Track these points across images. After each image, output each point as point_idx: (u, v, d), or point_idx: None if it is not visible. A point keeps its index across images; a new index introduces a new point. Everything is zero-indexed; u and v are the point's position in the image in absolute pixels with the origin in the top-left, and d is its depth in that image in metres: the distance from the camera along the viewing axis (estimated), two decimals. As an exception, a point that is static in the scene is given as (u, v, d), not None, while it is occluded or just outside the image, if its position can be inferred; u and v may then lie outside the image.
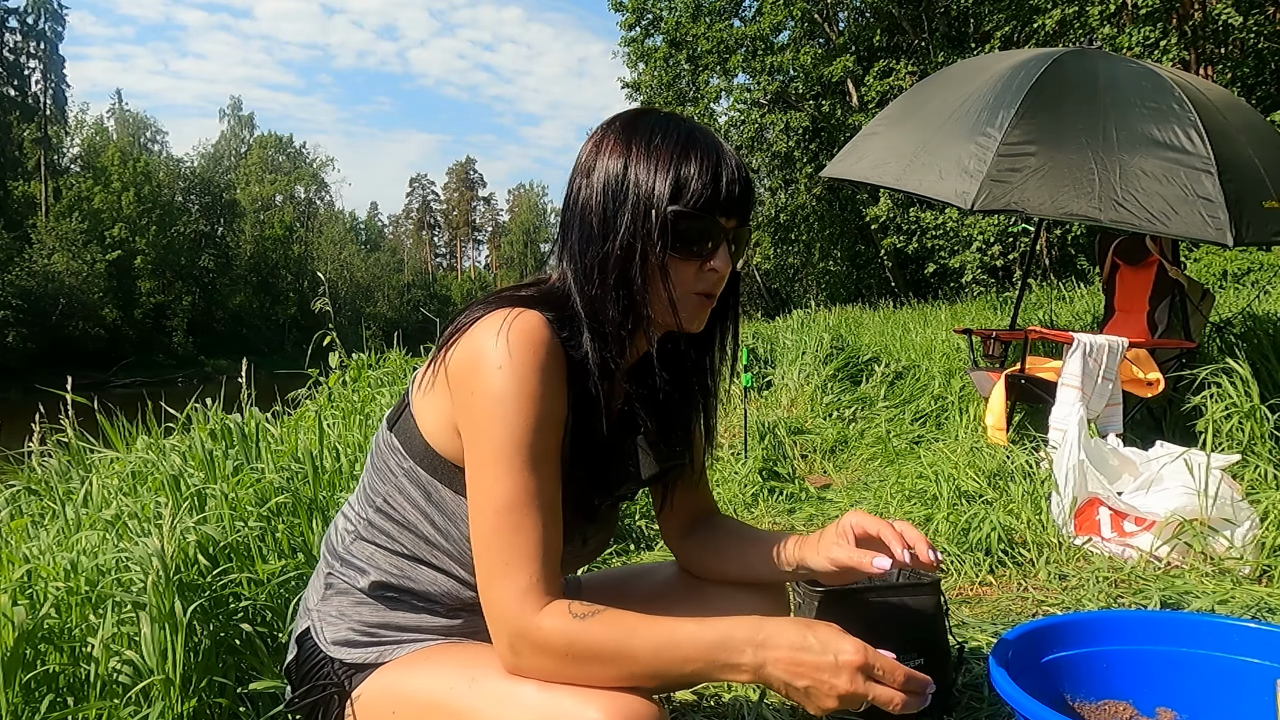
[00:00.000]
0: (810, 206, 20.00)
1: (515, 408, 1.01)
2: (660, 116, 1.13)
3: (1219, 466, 2.64)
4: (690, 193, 1.06)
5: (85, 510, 2.25)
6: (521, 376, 1.01)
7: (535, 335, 1.03)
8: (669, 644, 0.97)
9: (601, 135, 1.12)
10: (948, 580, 2.56)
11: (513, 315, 1.04)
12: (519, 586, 1.00)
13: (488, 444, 1.02)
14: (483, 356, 1.03)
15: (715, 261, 1.09)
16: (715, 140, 1.11)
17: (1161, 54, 12.05)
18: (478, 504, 1.03)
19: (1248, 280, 8.55)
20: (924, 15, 17.97)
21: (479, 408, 1.03)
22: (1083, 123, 3.56)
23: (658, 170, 1.07)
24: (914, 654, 1.65)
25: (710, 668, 0.97)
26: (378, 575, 1.17)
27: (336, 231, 64.67)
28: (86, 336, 36.54)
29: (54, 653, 1.59)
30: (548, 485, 1.04)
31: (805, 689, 0.96)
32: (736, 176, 1.09)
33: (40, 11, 42.87)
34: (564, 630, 0.98)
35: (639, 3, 21.34)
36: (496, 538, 1.01)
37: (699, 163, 1.07)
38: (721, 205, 1.08)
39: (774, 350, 6.64)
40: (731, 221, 1.10)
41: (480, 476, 1.03)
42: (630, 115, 1.14)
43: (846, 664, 0.95)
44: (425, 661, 1.12)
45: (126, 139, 51.83)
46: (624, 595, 1.37)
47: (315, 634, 1.19)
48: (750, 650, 0.96)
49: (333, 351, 3.69)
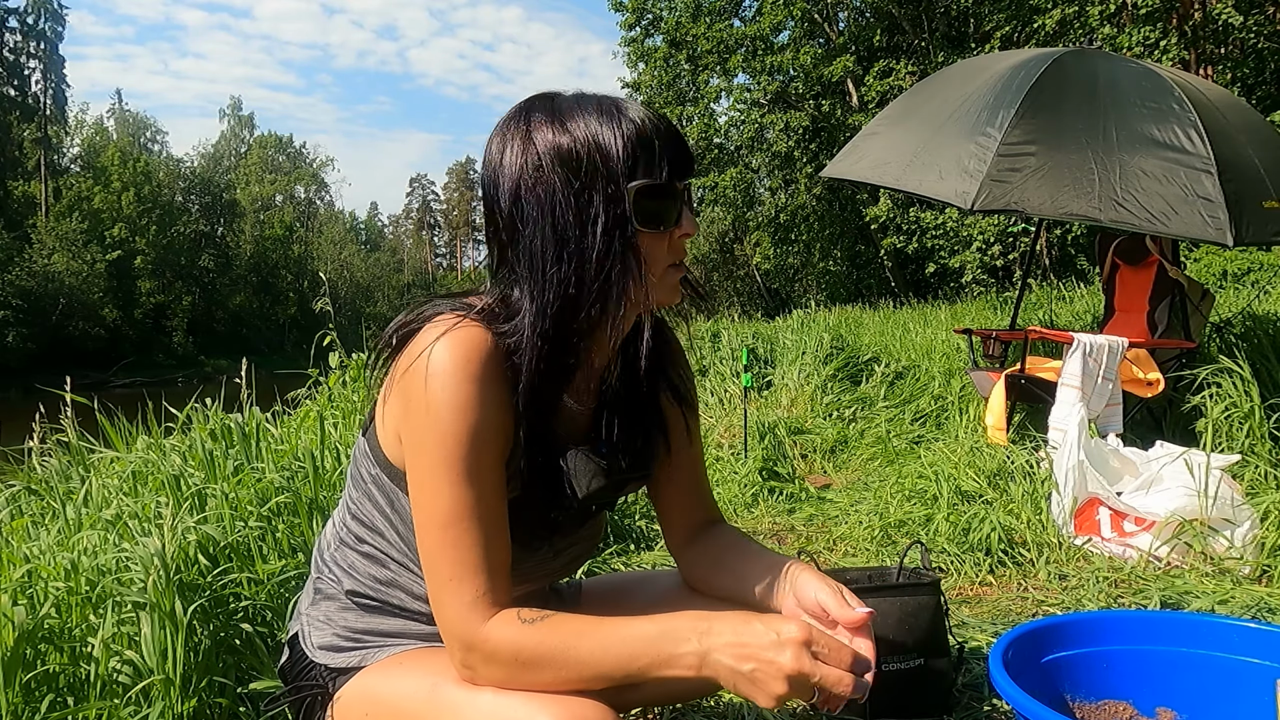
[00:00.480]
0: (810, 206, 20.01)
1: (450, 419, 0.98)
2: (575, 95, 1.05)
3: (1219, 466, 2.64)
4: (643, 163, 1.00)
5: (86, 510, 2.25)
6: (456, 387, 0.98)
7: (472, 345, 1.00)
8: (614, 642, 0.96)
9: (525, 130, 1.03)
10: (948, 580, 2.56)
11: (451, 323, 1.01)
12: (465, 600, 0.99)
13: (425, 456, 1.00)
14: (417, 367, 1.00)
15: (685, 225, 1.04)
16: (643, 108, 1.05)
17: (1161, 54, 12.05)
18: (420, 518, 1.02)
19: (1248, 280, 8.55)
20: (924, 15, 17.98)
21: (415, 419, 1.01)
22: (1083, 123, 3.56)
23: (607, 150, 1.00)
24: (914, 654, 1.65)
25: (656, 662, 0.95)
26: (356, 583, 1.18)
27: (336, 231, 64.68)
28: (86, 336, 36.55)
29: (54, 653, 1.59)
30: (489, 496, 1.01)
31: (751, 673, 0.93)
32: (675, 136, 1.04)
33: (40, 11, 42.87)
34: (512, 638, 0.97)
35: (639, 3, 21.35)
36: (441, 552, 1.00)
37: (638, 130, 1.01)
38: (675, 167, 1.03)
39: (774, 350, 6.63)
40: (681, 182, 1.05)
41: (420, 490, 1.01)
42: (541, 105, 1.04)
43: (789, 640, 0.93)
44: (399, 667, 1.12)
45: (126, 139, 51.82)
46: (624, 603, 1.35)
47: (303, 639, 1.20)
48: (694, 639, 0.95)
49: (333, 351, 3.68)
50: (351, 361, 3.71)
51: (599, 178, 0.99)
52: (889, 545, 2.95)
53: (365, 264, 65.46)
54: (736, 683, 0.94)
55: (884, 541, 2.99)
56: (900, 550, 2.19)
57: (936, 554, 2.71)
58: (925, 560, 1.83)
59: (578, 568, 1.32)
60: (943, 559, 2.68)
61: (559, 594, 1.40)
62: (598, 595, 1.39)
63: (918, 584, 1.72)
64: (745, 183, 20.85)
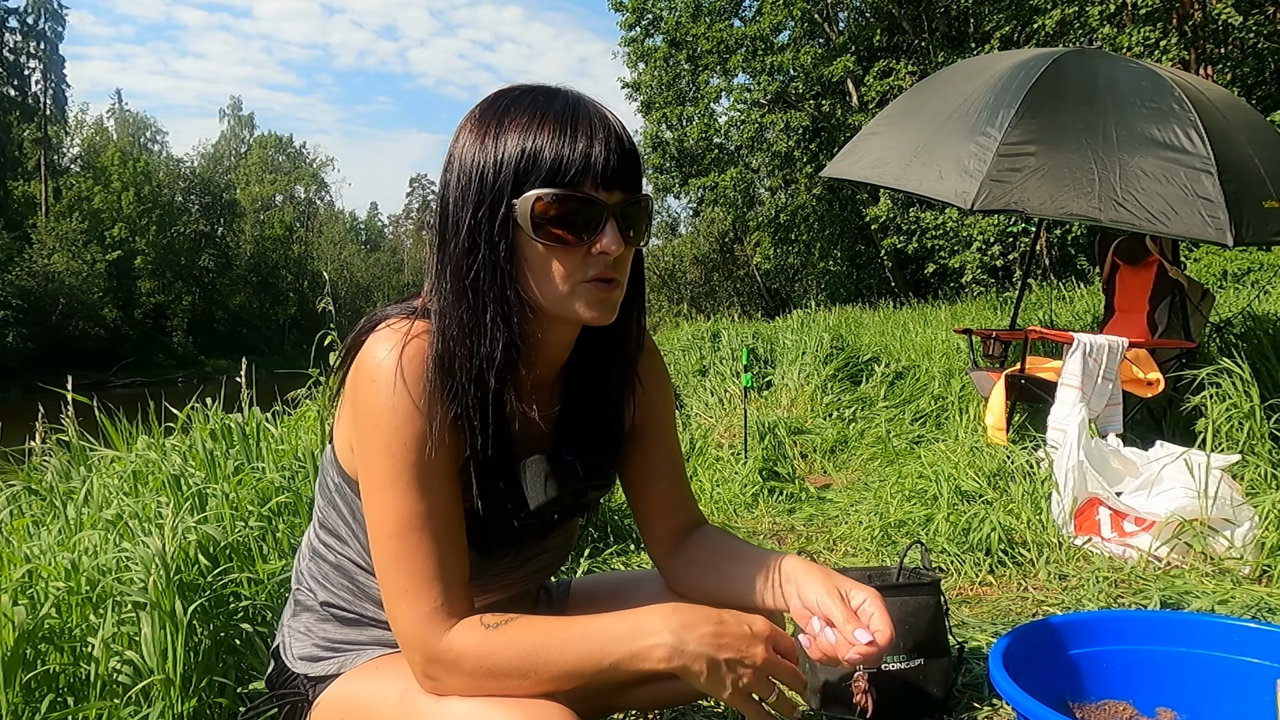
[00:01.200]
0: (810, 206, 20.01)
1: (392, 428, 0.96)
2: (520, 92, 0.99)
3: (1219, 466, 2.64)
4: (549, 170, 0.93)
5: (86, 510, 2.25)
6: (395, 395, 0.96)
7: (410, 349, 0.97)
8: (583, 639, 0.95)
9: (461, 123, 1.00)
10: (948, 580, 2.56)
11: (393, 328, 1.00)
12: (422, 612, 0.97)
13: (373, 467, 0.98)
14: (361, 374, 0.99)
15: (603, 242, 0.95)
16: (579, 105, 0.96)
17: (1161, 54, 12.05)
18: (372, 530, 1.00)
19: (1248, 280, 8.54)
20: (924, 15, 17.97)
21: (362, 428, 0.99)
22: (1083, 123, 3.56)
23: (507, 149, 0.94)
24: (914, 654, 1.65)
25: (628, 657, 0.94)
26: (329, 594, 1.17)
27: (336, 231, 64.74)
28: (86, 336, 36.55)
29: (54, 652, 1.59)
30: (440, 504, 0.99)
31: (728, 661, 0.94)
32: (604, 143, 0.94)
33: (40, 11, 42.86)
34: (477, 645, 0.95)
35: (639, 3, 21.34)
36: (394, 563, 0.98)
37: (555, 133, 0.94)
38: (591, 178, 0.94)
39: (774, 350, 6.63)
40: (614, 194, 0.96)
41: (370, 502, 1.00)
42: (489, 97, 1.01)
43: (759, 633, 0.96)
44: (374, 672, 1.11)
45: (126, 139, 51.84)
46: (613, 604, 1.34)
47: (284, 650, 1.20)
48: (667, 632, 0.94)
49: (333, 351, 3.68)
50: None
51: (487, 182, 0.95)
52: (889, 545, 2.95)
53: (365, 264, 65.52)
54: (710, 672, 0.94)
55: (884, 541, 2.99)
56: (900, 550, 2.19)
57: (936, 554, 2.71)
58: (925, 560, 1.83)
59: (549, 575, 1.30)
60: (943, 559, 2.68)
61: (548, 593, 1.39)
62: (586, 596, 1.37)
63: (918, 584, 1.72)
64: (745, 183, 20.84)
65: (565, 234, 0.95)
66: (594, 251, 0.96)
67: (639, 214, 1.00)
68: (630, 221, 0.99)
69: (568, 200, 0.94)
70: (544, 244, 0.95)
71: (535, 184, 0.94)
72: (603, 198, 0.95)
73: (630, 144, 0.98)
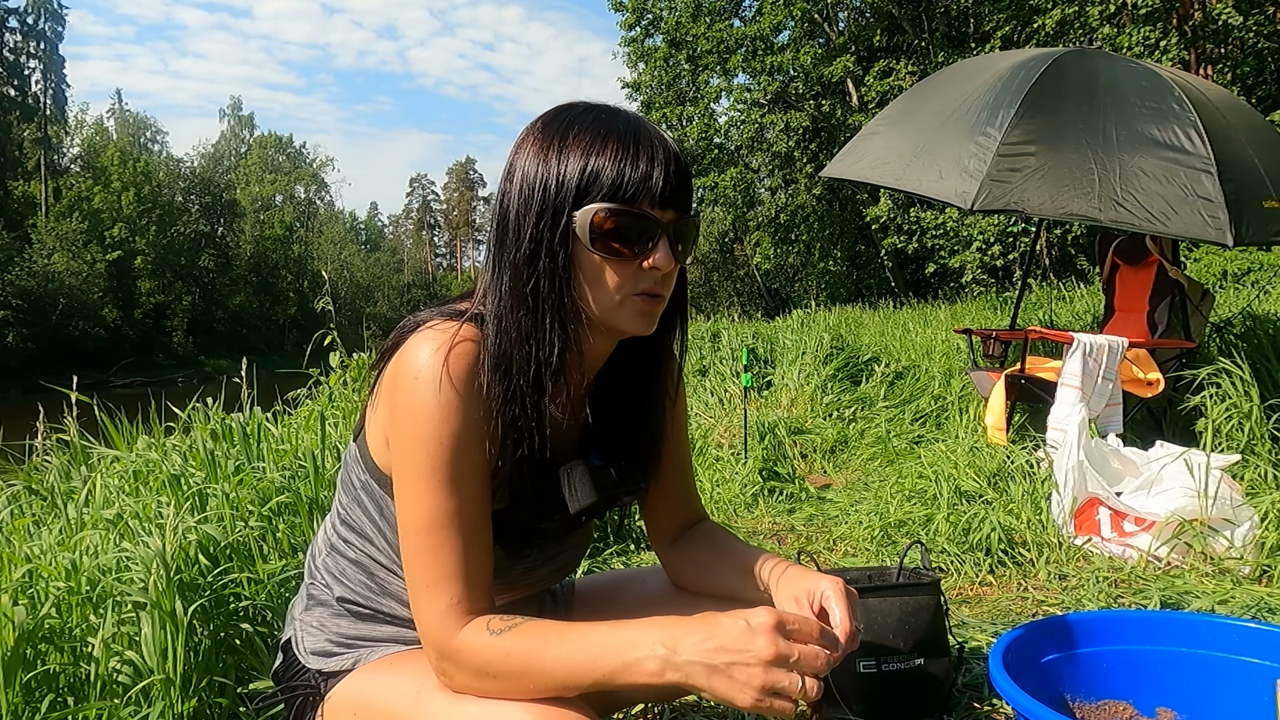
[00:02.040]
0: (810, 206, 20.02)
1: (431, 426, 0.99)
2: (583, 109, 1.04)
3: (1219, 466, 2.64)
4: (609, 186, 0.98)
5: (87, 510, 2.25)
6: (438, 394, 0.99)
7: (456, 351, 1.00)
8: (576, 650, 0.95)
9: (524, 135, 1.05)
10: (948, 580, 2.56)
11: (437, 329, 1.02)
12: (441, 607, 0.99)
13: (408, 462, 1.01)
14: (402, 372, 1.01)
15: (655, 258, 1.00)
16: (640, 127, 1.01)
17: (1161, 54, 12.05)
18: (402, 524, 1.03)
19: (1248, 280, 8.55)
20: (924, 15, 17.98)
21: (399, 425, 1.02)
22: (1083, 123, 3.56)
23: (571, 164, 0.99)
24: (914, 654, 1.65)
25: (621, 668, 0.93)
26: (346, 590, 1.18)
27: (336, 231, 64.69)
28: (86, 336, 36.54)
29: (54, 652, 1.59)
30: (471, 504, 1.01)
31: (729, 667, 0.89)
32: (663, 164, 0.99)
33: (40, 11, 42.85)
34: (481, 648, 0.97)
35: (639, 2, 21.35)
36: (420, 558, 1.00)
37: (617, 153, 0.98)
38: (649, 196, 0.99)
39: (774, 350, 6.63)
40: (668, 213, 1.01)
41: (403, 496, 1.02)
42: (552, 111, 1.06)
43: (760, 626, 0.90)
44: (389, 668, 1.13)
45: (126, 139, 51.80)
46: (613, 602, 1.36)
47: (296, 644, 1.21)
48: (660, 646, 0.92)
49: (334, 351, 3.68)
50: (352, 361, 3.71)
51: (553, 192, 0.99)
52: (889, 545, 2.95)
53: (365, 264, 65.47)
54: (713, 682, 0.90)
55: (884, 541, 2.99)
56: (900, 550, 2.19)
57: (936, 554, 2.71)
58: (925, 560, 1.83)
59: (567, 574, 1.32)
60: (943, 559, 2.68)
61: (553, 595, 1.40)
62: (590, 595, 1.40)
63: (918, 584, 1.72)
64: (745, 183, 20.85)
65: (621, 247, 1.00)
66: (645, 266, 1.01)
67: (689, 231, 1.05)
68: (680, 238, 1.04)
69: (625, 215, 0.99)
70: (600, 255, 1.00)
71: (596, 198, 0.98)
72: (657, 215, 1.00)
73: (685, 167, 1.03)
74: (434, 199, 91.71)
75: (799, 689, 0.89)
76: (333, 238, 62.75)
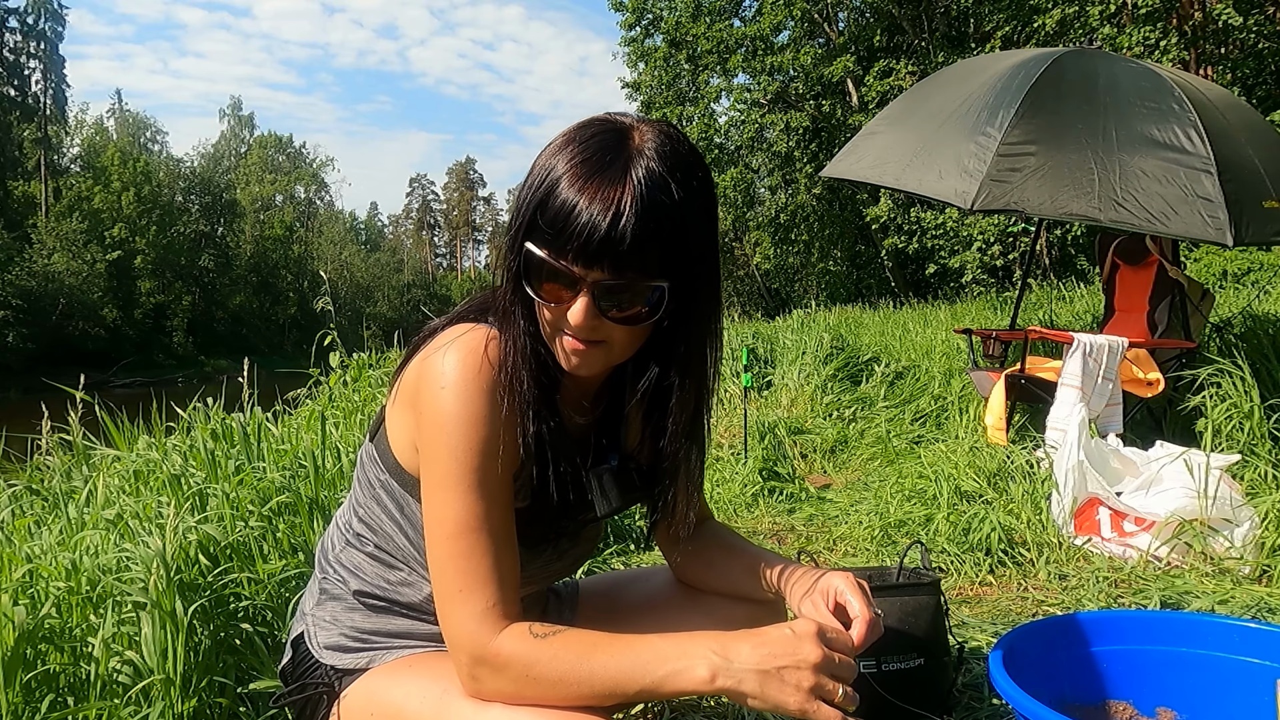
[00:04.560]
0: (810, 206, 20.01)
1: (459, 431, 0.99)
2: (596, 132, 0.97)
3: (1219, 466, 2.64)
4: (551, 227, 0.94)
5: (87, 510, 2.25)
6: (465, 398, 0.99)
7: (481, 353, 1.01)
8: (627, 657, 0.95)
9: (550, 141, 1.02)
10: (948, 580, 2.56)
11: (462, 332, 1.03)
12: (475, 612, 0.98)
13: (436, 467, 1.01)
14: (427, 376, 1.02)
15: (569, 311, 0.97)
16: (620, 174, 0.93)
17: (1161, 54, 12.04)
18: (430, 528, 1.03)
19: (1248, 280, 8.55)
20: (924, 15, 17.97)
21: (426, 429, 1.02)
22: (1083, 123, 3.56)
23: (540, 191, 0.96)
24: (914, 654, 1.65)
25: (672, 674, 0.94)
26: (363, 584, 1.18)
27: (336, 231, 64.72)
28: (86, 336, 36.54)
29: (54, 652, 1.59)
30: (498, 508, 1.02)
31: (781, 671, 0.92)
32: (611, 221, 0.91)
33: (40, 11, 42.85)
34: (524, 652, 0.97)
35: (639, 2, 21.34)
36: (450, 563, 1.00)
37: (579, 193, 0.92)
38: (577, 249, 0.93)
39: (774, 350, 6.63)
40: (594, 272, 0.94)
41: (431, 500, 1.02)
42: (575, 126, 1.01)
43: (805, 633, 0.94)
44: (408, 670, 1.12)
45: (126, 139, 51.79)
46: (619, 600, 1.37)
47: (309, 639, 1.20)
48: (711, 654, 0.94)
49: (333, 351, 3.69)
50: (352, 361, 3.71)
51: (518, 216, 0.99)
52: (889, 545, 2.95)
53: (365, 264, 65.48)
54: (765, 686, 0.92)
55: (884, 541, 2.99)
56: (900, 550, 2.19)
57: (936, 554, 2.71)
58: (925, 560, 1.83)
59: (580, 566, 1.34)
60: (943, 559, 2.68)
61: (556, 594, 1.40)
62: (595, 593, 1.41)
63: (918, 584, 1.72)
64: (745, 183, 20.85)
65: (538, 291, 0.98)
66: (559, 316, 0.99)
67: (626, 296, 0.96)
68: (614, 301, 0.96)
69: (546, 264, 0.96)
70: (532, 293, 0.99)
71: (537, 237, 0.96)
72: (578, 272, 0.95)
73: (649, 228, 0.93)
74: (434, 199, 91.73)
75: (840, 695, 0.93)
76: (333, 238, 62.78)
